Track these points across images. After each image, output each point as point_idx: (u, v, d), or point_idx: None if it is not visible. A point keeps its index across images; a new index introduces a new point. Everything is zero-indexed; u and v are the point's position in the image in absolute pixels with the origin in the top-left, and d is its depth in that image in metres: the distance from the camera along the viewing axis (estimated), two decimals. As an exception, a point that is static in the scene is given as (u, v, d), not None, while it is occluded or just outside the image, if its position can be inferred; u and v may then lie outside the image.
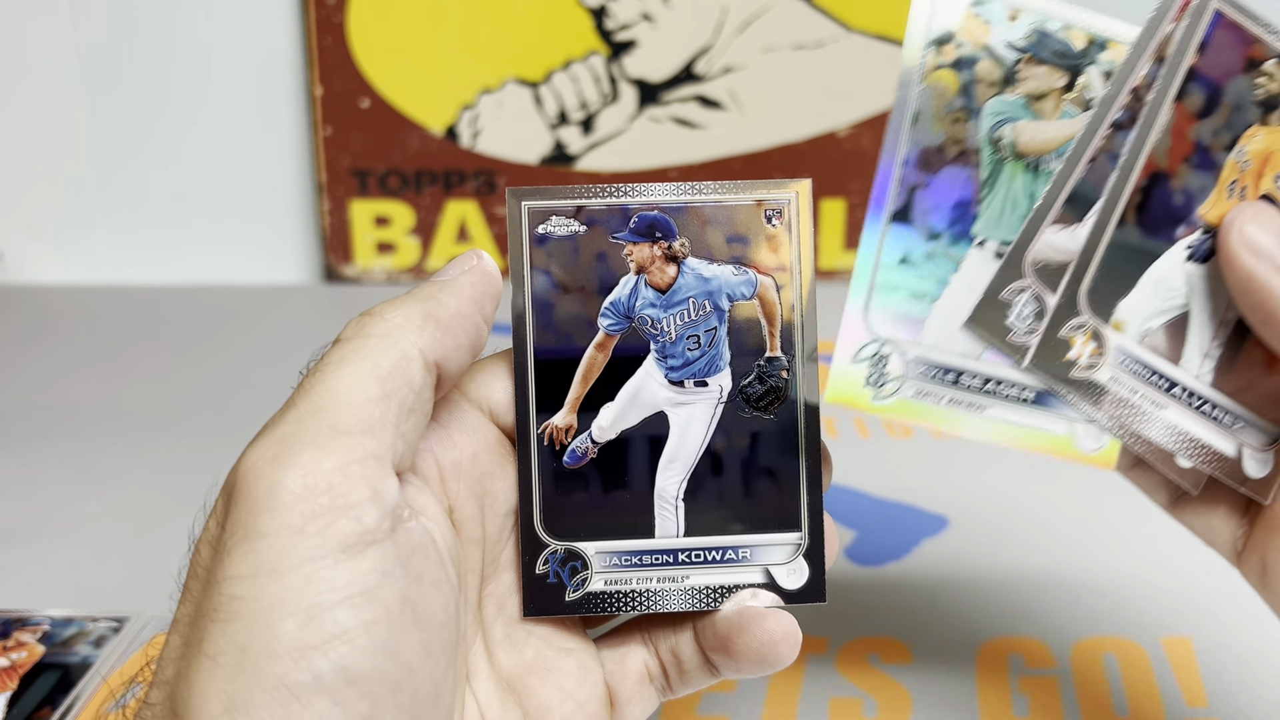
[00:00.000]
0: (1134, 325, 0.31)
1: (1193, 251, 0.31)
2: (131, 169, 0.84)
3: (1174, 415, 0.31)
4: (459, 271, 0.31)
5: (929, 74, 0.31)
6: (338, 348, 0.29)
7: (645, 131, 0.80)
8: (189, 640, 0.26)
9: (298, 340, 0.76)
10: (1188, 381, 0.31)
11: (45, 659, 0.43)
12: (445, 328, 0.30)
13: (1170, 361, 0.31)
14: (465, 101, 0.80)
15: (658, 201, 0.32)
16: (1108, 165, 0.31)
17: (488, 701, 0.30)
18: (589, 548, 0.32)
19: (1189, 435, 0.31)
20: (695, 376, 0.32)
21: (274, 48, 0.80)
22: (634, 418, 0.32)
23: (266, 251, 0.85)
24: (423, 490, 0.29)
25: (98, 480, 0.58)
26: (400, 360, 0.28)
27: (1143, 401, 0.31)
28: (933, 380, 0.31)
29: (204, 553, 0.27)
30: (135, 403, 0.66)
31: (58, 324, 0.78)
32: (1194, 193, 0.31)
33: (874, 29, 0.78)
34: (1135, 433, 0.31)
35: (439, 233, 0.82)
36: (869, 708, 0.41)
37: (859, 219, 0.81)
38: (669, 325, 0.32)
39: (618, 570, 0.31)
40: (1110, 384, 0.31)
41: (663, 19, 0.78)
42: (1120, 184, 0.31)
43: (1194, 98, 0.31)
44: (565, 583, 0.31)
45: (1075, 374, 0.31)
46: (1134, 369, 0.31)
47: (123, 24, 0.80)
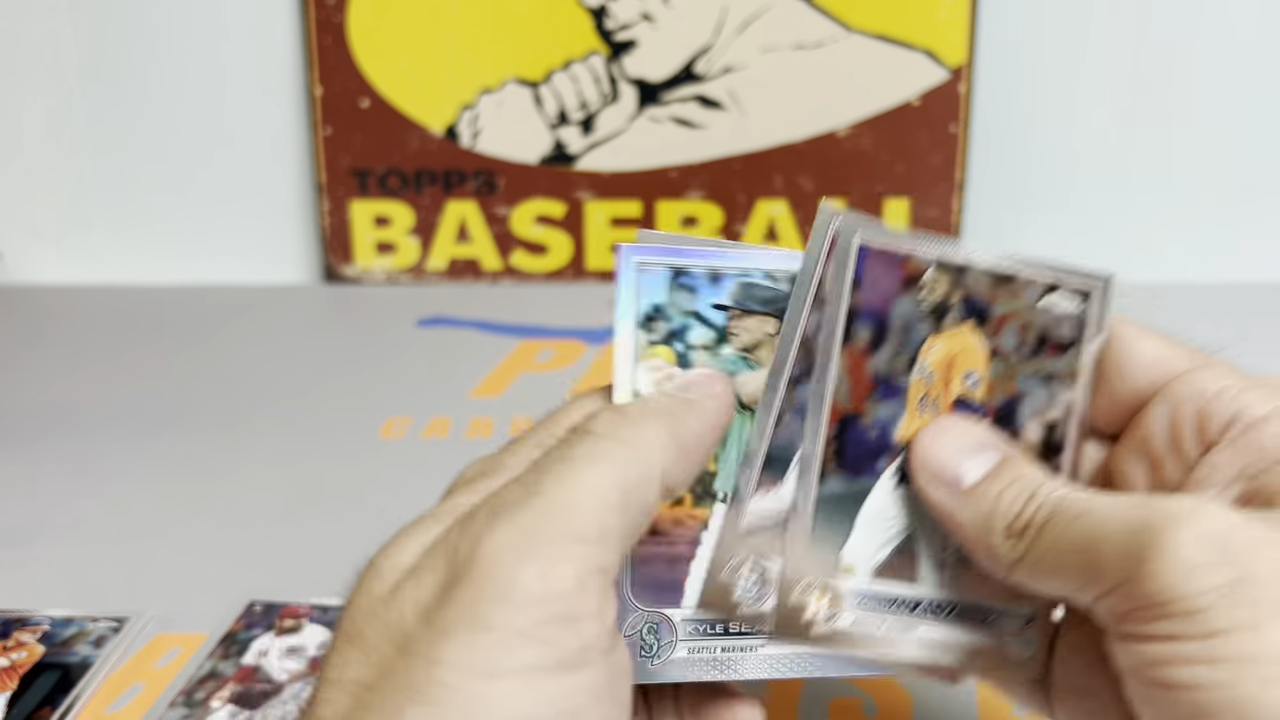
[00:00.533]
0: (863, 565, 0.32)
1: (900, 475, 0.32)
2: (132, 169, 0.84)
3: (925, 631, 0.32)
4: (705, 395, 0.30)
5: (644, 353, 0.31)
6: (588, 441, 0.28)
7: (645, 131, 0.80)
8: (366, 707, 0.25)
9: (298, 340, 0.77)
10: (930, 595, 0.32)
11: (45, 659, 0.43)
12: (686, 452, 0.29)
13: (908, 583, 0.32)
14: (465, 101, 0.80)
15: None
16: (795, 421, 0.31)
17: None
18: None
19: (945, 643, 0.32)
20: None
21: (274, 48, 0.80)
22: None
23: (266, 251, 0.85)
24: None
25: (98, 480, 0.58)
26: (645, 476, 0.28)
27: (891, 631, 0.32)
28: (705, 636, 0.31)
29: (408, 615, 0.26)
30: (135, 403, 0.66)
31: (58, 324, 0.78)
32: (887, 423, 0.32)
33: (874, 29, 0.78)
34: (894, 660, 0.32)
35: (439, 233, 0.82)
36: (869, 708, 0.41)
37: (859, 219, 0.81)
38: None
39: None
40: (855, 627, 0.31)
41: (663, 19, 0.78)
42: (811, 440, 0.31)
43: (861, 335, 0.31)
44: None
45: (817, 631, 0.31)
46: (874, 605, 0.32)
47: (123, 24, 0.80)
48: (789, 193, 0.81)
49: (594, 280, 0.82)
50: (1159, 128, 0.81)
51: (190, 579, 0.50)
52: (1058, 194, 0.83)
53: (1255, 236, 0.83)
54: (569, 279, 0.83)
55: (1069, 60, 0.80)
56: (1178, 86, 0.80)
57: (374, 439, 0.61)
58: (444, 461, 0.34)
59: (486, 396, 0.66)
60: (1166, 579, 0.26)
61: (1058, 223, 0.83)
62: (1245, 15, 0.78)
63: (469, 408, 0.65)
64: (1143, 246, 0.83)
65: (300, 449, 0.60)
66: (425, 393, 0.66)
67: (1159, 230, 0.83)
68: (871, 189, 0.80)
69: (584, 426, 0.29)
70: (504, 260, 0.82)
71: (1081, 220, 0.83)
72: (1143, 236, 0.83)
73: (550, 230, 0.82)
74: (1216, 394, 0.31)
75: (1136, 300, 0.38)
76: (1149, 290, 0.80)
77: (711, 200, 0.81)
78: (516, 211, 0.81)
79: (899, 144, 0.80)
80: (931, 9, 0.77)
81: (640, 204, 0.81)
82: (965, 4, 0.77)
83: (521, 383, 0.68)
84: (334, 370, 0.69)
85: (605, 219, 0.81)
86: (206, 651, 0.45)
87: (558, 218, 0.82)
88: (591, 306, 0.78)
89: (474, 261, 0.82)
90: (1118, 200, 0.83)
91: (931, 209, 0.81)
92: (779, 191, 0.81)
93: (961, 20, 0.77)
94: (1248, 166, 0.82)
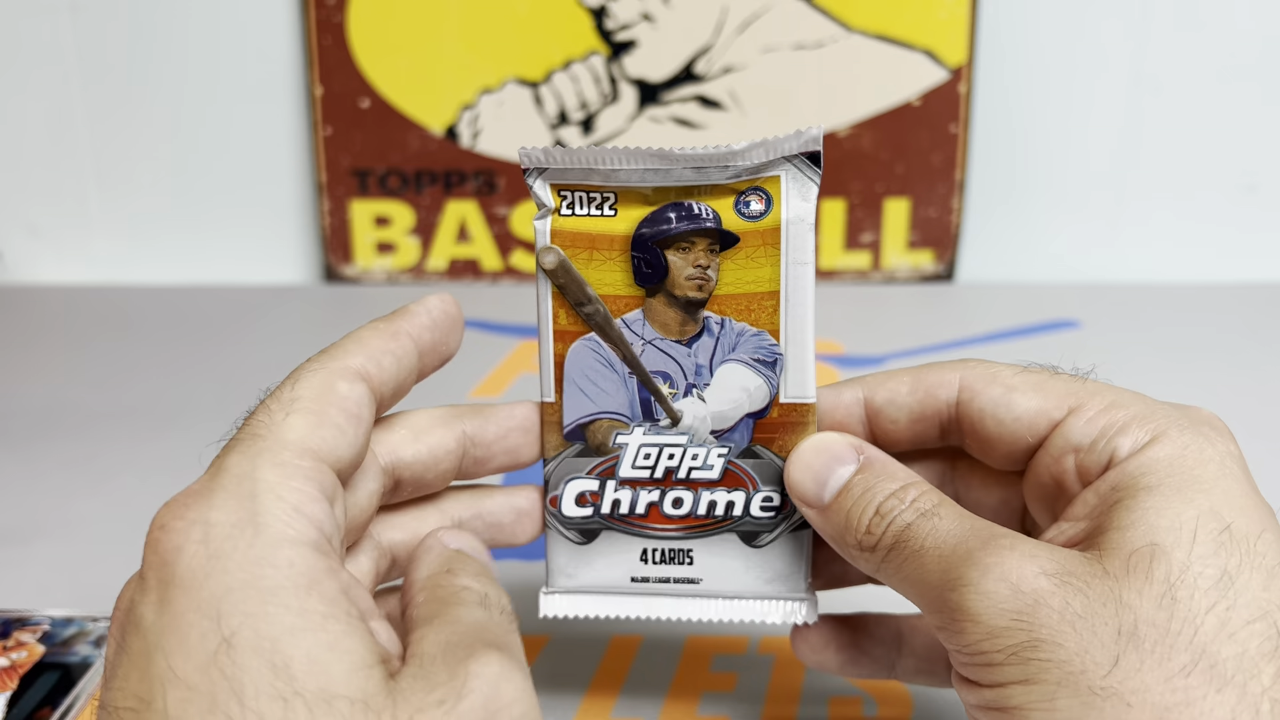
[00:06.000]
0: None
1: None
2: (131, 169, 0.84)
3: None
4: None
5: None
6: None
7: (645, 131, 0.80)
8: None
9: (298, 340, 0.77)
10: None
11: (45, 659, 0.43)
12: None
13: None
14: (465, 101, 0.80)
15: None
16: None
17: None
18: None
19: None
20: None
21: (274, 48, 0.80)
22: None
23: (266, 251, 0.85)
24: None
25: (97, 480, 0.58)
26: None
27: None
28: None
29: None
30: (135, 403, 0.66)
31: (58, 324, 0.78)
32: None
33: (874, 29, 0.78)
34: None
35: (439, 233, 0.82)
36: (869, 708, 0.41)
37: (859, 219, 0.81)
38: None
39: None
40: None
41: (663, 19, 0.78)
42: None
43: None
44: None
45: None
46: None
47: (123, 24, 0.80)
48: (789, 193, 0.81)
49: (594, 280, 0.82)
50: (1159, 128, 0.81)
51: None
52: (1058, 194, 0.83)
53: (1255, 236, 0.83)
54: (569, 279, 0.82)
55: (1069, 60, 0.80)
56: (1178, 86, 0.80)
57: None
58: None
59: (487, 396, 0.66)
60: (970, 637, 0.28)
61: (1058, 223, 0.83)
62: (1245, 15, 0.78)
63: (469, 408, 0.65)
64: (1143, 246, 0.83)
65: (300, 449, 0.60)
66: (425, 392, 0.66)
67: (1159, 230, 0.83)
68: (871, 189, 0.80)
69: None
70: (504, 260, 0.82)
71: (1081, 220, 0.83)
72: (1143, 236, 0.83)
73: (550, 230, 0.82)
74: (1090, 445, 0.31)
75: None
76: (1147, 290, 0.81)
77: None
78: (517, 211, 0.81)
79: (899, 144, 0.80)
80: (931, 9, 0.77)
81: (640, 204, 0.81)
82: (965, 4, 0.77)
83: (521, 383, 0.68)
84: (334, 370, 0.69)
85: (605, 219, 0.81)
86: (206, 651, 0.45)
87: (558, 218, 0.81)
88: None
89: (474, 261, 0.82)
90: (1118, 200, 0.83)
91: (931, 209, 0.81)
92: (779, 191, 0.81)
93: (961, 20, 0.77)
94: (1248, 166, 0.82)
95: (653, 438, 0.34)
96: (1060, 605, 0.27)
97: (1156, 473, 0.29)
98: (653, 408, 0.34)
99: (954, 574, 0.29)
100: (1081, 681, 0.26)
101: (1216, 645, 0.26)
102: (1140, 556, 0.28)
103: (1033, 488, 0.33)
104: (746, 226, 0.33)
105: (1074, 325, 0.75)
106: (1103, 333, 0.74)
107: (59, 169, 0.84)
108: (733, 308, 0.34)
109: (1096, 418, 0.31)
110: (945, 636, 0.30)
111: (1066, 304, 0.78)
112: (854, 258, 0.81)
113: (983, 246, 0.83)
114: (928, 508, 0.31)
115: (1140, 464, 0.30)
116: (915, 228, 0.81)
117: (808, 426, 0.34)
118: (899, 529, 0.31)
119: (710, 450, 0.34)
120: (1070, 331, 0.74)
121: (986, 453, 0.34)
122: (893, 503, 0.31)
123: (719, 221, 0.33)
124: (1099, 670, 0.26)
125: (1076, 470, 0.31)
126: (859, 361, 0.69)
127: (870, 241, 0.81)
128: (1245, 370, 0.68)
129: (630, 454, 0.35)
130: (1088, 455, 0.31)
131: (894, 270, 0.82)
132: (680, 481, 0.35)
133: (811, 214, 0.33)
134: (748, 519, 0.35)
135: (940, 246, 0.82)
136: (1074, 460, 0.31)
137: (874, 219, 0.81)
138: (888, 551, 0.31)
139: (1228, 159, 0.81)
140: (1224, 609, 0.27)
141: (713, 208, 0.33)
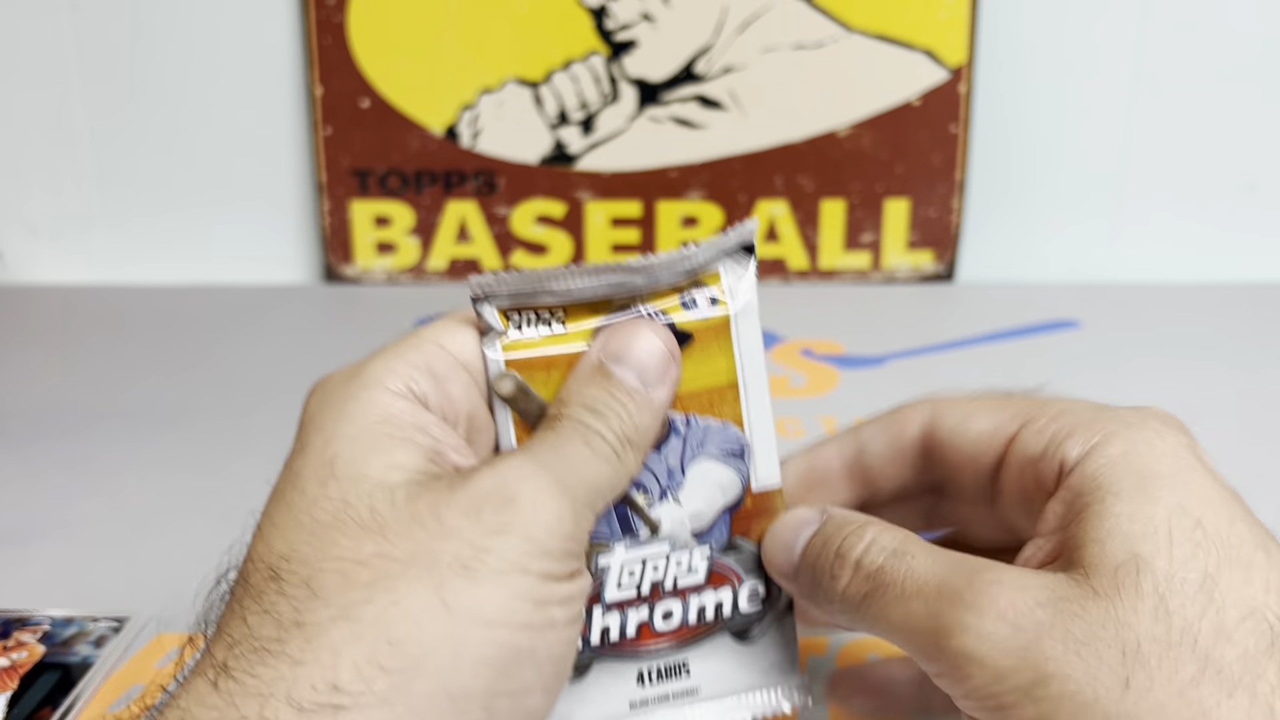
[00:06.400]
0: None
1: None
2: (131, 169, 0.84)
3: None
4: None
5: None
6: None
7: (645, 131, 0.80)
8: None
9: (298, 340, 0.77)
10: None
11: (45, 659, 0.43)
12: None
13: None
14: (465, 101, 0.80)
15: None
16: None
17: None
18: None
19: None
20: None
21: (274, 48, 0.80)
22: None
23: (266, 251, 0.85)
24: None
25: (97, 480, 0.58)
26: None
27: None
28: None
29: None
30: (135, 403, 0.66)
31: (58, 324, 0.78)
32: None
33: (874, 29, 0.78)
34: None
35: (439, 233, 0.82)
36: (869, 708, 0.41)
37: (859, 219, 0.81)
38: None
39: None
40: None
41: (663, 19, 0.78)
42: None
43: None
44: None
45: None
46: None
47: (123, 23, 0.80)
48: (789, 193, 0.81)
49: (594, 280, 0.82)
50: (1159, 128, 0.81)
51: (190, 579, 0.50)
52: (1058, 194, 0.83)
53: (1255, 236, 0.83)
54: (569, 279, 0.82)
55: (1069, 60, 0.80)
56: (1178, 86, 0.80)
57: (374, 439, 0.61)
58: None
59: (486, 396, 0.66)
60: (977, 681, 0.28)
61: (1058, 223, 0.83)
62: (1245, 15, 0.78)
63: (469, 408, 0.65)
64: (1142, 246, 0.83)
65: (300, 449, 0.60)
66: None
67: (1158, 230, 0.83)
68: (871, 189, 0.80)
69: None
70: (504, 260, 0.82)
71: (1081, 220, 0.83)
72: (1142, 236, 0.83)
73: (550, 230, 0.82)
74: (1041, 454, 0.31)
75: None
76: (1147, 290, 0.81)
77: (711, 200, 0.81)
78: (517, 211, 0.81)
79: (899, 144, 0.79)
80: (931, 9, 0.77)
81: (640, 204, 0.81)
82: (965, 4, 0.77)
83: (521, 383, 0.68)
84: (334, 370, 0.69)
85: (605, 219, 0.81)
86: (206, 651, 0.45)
87: (558, 218, 0.82)
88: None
89: (474, 261, 0.82)
90: (1117, 200, 0.83)
91: (931, 209, 0.81)
92: (779, 191, 0.81)
93: (961, 20, 0.77)
94: (1248, 166, 0.82)
95: (635, 552, 0.33)
96: (1062, 635, 0.27)
97: (1113, 474, 0.29)
98: (630, 520, 0.33)
99: (945, 619, 0.28)
100: (1097, 710, 0.26)
101: (1218, 650, 0.26)
102: (1125, 571, 0.27)
103: (1009, 510, 0.33)
104: (698, 324, 0.33)
105: (1074, 325, 0.75)
106: (1102, 333, 0.74)
107: (59, 169, 0.84)
108: (696, 404, 0.33)
109: (1045, 426, 0.31)
110: (948, 684, 0.29)
111: (1066, 304, 0.77)
112: (854, 258, 0.81)
113: (983, 246, 0.83)
114: (892, 546, 0.30)
115: (1095, 466, 0.30)
116: (915, 228, 0.81)
117: (778, 510, 0.34)
118: (871, 570, 0.30)
119: (692, 552, 0.33)
120: (1070, 331, 0.74)
121: (958, 483, 0.34)
122: (851, 540, 0.31)
123: (673, 323, 0.33)
124: (1111, 696, 0.26)
125: (1036, 482, 0.31)
126: (859, 361, 0.69)
127: (870, 241, 0.81)
128: (1245, 370, 0.67)
129: (614, 575, 0.33)
130: (1041, 464, 0.31)
131: (894, 270, 0.82)
132: (668, 593, 0.34)
133: (755, 301, 0.33)
134: (737, 615, 0.34)
135: (940, 246, 0.82)
136: (1032, 473, 0.32)
137: (874, 219, 0.81)
138: (863, 598, 0.30)
139: (1227, 159, 0.81)
140: (1215, 612, 0.27)
141: (661, 309, 0.33)
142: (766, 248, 0.81)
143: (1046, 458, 0.31)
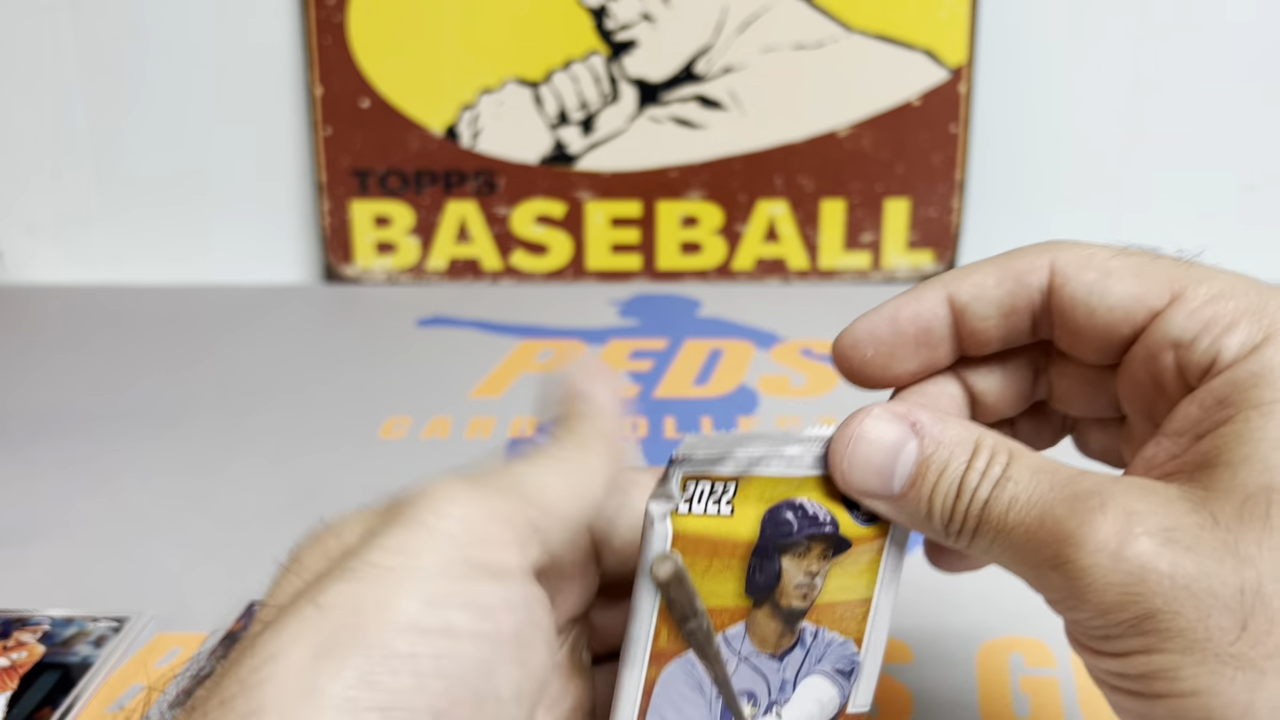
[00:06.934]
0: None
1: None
2: (131, 168, 0.84)
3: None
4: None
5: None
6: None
7: (645, 131, 0.80)
8: (299, 595, 0.25)
9: (298, 340, 0.77)
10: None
11: (45, 659, 0.43)
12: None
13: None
14: (465, 101, 0.80)
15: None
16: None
17: None
18: None
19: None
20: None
21: (274, 48, 0.80)
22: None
23: (266, 251, 0.85)
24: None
25: (98, 480, 0.58)
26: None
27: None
28: None
29: (348, 537, 0.27)
30: (135, 403, 0.66)
31: (58, 324, 0.78)
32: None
33: (874, 29, 0.78)
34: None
35: (439, 233, 0.82)
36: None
37: (859, 219, 0.81)
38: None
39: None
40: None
41: (663, 19, 0.78)
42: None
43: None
44: None
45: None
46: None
47: (122, 23, 0.80)
48: (789, 193, 0.81)
49: (594, 280, 0.82)
50: (1159, 128, 0.81)
51: (190, 579, 0.50)
52: (1058, 194, 0.83)
53: (1255, 237, 0.83)
54: (569, 279, 0.83)
55: (1069, 60, 0.80)
56: (1178, 86, 0.80)
57: (374, 439, 0.61)
58: (444, 462, 0.33)
59: (487, 396, 0.66)
60: (1083, 613, 0.26)
61: (1058, 223, 0.83)
62: (1245, 14, 0.78)
63: (469, 408, 0.65)
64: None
65: (300, 449, 0.60)
66: (425, 393, 0.66)
67: (1159, 230, 0.83)
68: (871, 189, 0.80)
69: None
70: (504, 260, 0.82)
71: (1081, 220, 0.83)
72: (1143, 236, 0.83)
73: (550, 230, 0.82)
74: (1192, 341, 0.27)
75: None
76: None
77: (712, 200, 0.81)
78: (516, 211, 0.81)
79: (899, 144, 0.80)
80: (931, 9, 0.77)
81: (640, 204, 0.81)
82: (965, 4, 0.77)
83: (522, 383, 0.68)
84: (334, 370, 0.69)
85: (605, 219, 0.81)
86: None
87: (558, 218, 0.82)
88: (591, 306, 0.78)
89: (474, 261, 0.82)
90: (1118, 200, 0.83)
91: (931, 209, 0.81)
92: (779, 191, 0.81)
93: (961, 20, 0.77)
94: (1248, 166, 0.82)
95: None
96: (1169, 569, 0.24)
97: (1272, 386, 0.25)
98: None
99: (1048, 551, 0.26)
100: (1208, 649, 0.24)
101: None
102: (1255, 503, 0.24)
103: (1127, 386, 0.30)
104: (859, 532, 0.30)
105: (1074, 325, 0.75)
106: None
107: (59, 168, 0.84)
108: (829, 617, 0.31)
109: (1201, 309, 0.27)
110: (1060, 610, 0.27)
111: (1066, 304, 0.77)
112: (854, 258, 0.81)
113: (983, 246, 0.83)
114: (998, 474, 0.27)
115: (1251, 372, 0.26)
116: (915, 228, 0.81)
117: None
118: (977, 510, 0.27)
119: None
120: (1070, 331, 0.74)
121: (1077, 346, 0.30)
122: (971, 477, 0.28)
123: (837, 527, 0.30)
124: (1225, 636, 0.24)
125: (1176, 369, 0.28)
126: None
127: (870, 241, 0.81)
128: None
129: None
130: (1189, 353, 0.27)
131: (894, 270, 0.82)
132: None
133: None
134: None
135: (940, 246, 0.82)
136: (1174, 357, 0.28)
137: (874, 219, 0.81)
138: (972, 535, 0.28)
139: (1228, 159, 0.81)
140: None
141: (830, 511, 0.30)
142: (766, 248, 0.81)
143: (1196, 347, 0.27)
